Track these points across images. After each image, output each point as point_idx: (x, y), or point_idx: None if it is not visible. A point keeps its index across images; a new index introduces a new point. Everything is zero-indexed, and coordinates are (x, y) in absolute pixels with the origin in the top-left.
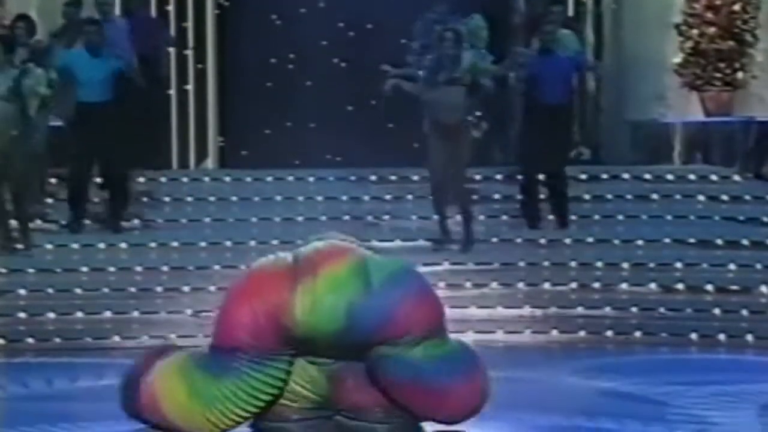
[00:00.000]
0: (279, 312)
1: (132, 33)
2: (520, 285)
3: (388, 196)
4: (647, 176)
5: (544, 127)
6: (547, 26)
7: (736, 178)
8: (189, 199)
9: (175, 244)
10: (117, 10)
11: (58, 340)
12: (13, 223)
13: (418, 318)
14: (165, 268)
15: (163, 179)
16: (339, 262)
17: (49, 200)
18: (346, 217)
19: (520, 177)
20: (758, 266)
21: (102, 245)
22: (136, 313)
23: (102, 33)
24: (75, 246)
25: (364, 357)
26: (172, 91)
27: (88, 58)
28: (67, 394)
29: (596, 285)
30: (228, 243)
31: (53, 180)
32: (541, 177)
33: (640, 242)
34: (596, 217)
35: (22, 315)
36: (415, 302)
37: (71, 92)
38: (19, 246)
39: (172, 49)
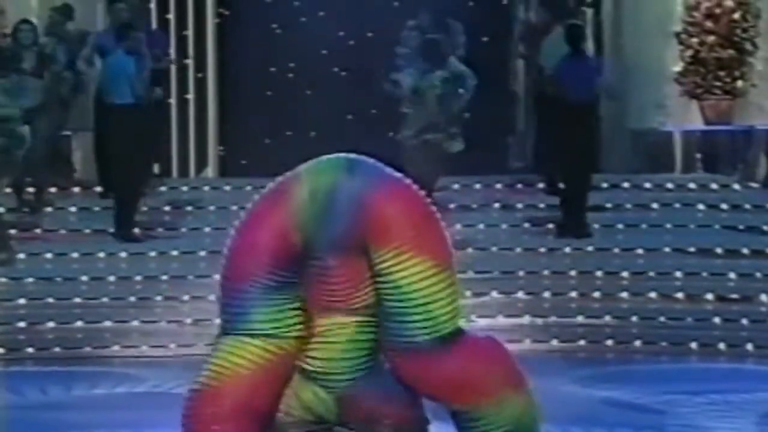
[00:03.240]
0: (280, 226)
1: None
2: (520, 294)
3: None
4: (647, 185)
5: (574, 129)
6: (574, 25)
7: (736, 186)
8: (189, 208)
9: (174, 253)
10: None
11: (57, 349)
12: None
13: (401, 209)
14: (165, 277)
15: (163, 188)
16: (321, 159)
17: (48, 209)
18: None
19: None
20: (758, 275)
21: (102, 254)
22: (136, 323)
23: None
24: (75, 255)
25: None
26: (173, 101)
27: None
28: (72, 404)
29: (596, 294)
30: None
31: (53, 189)
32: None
33: (640, 251)
34: (596, 225)
35: (21, 324)
36: (396, 188)
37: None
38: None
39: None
